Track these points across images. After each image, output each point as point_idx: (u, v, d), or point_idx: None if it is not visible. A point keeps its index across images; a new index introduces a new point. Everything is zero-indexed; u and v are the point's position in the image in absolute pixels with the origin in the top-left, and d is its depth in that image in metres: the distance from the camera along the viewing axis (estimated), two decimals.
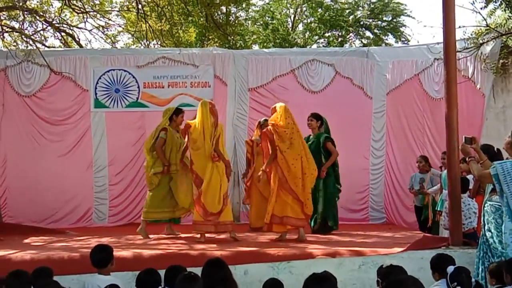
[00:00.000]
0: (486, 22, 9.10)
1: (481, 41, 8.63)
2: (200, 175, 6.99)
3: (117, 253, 5.15)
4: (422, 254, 5.86)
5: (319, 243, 6.78)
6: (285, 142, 6.99)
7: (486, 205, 5.27)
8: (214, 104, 7.31)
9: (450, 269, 4.28)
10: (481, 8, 8.98)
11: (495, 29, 8.91)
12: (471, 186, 6.83)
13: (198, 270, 4.01)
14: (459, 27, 8.12)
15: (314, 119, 7.91)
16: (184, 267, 4.33)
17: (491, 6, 9.34)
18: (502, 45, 8.79)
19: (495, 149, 6.06)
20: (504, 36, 8.74)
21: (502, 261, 4.68)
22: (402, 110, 9.53)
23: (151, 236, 7.47)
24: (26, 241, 7.33)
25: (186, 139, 7.29)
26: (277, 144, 6.99)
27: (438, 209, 7.57)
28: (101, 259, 4.73)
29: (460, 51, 8.09)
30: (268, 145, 7.11)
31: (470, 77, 8.89)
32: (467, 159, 5.39)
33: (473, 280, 4.22)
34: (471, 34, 8.96)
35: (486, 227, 5.22)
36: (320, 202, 7.68)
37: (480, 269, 5.17)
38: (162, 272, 4.31)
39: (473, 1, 8.79)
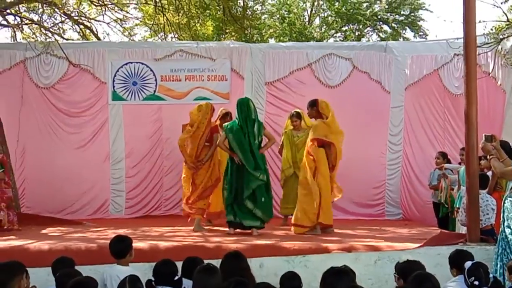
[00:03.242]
0: (507, 17, 8.95)
1: (501, 36, 8.50)
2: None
3: (133, 244, 5.17)
4: (438, 250, 5.82)
5: (335, 237, 6.76)
6: None
7: (506, 201, 5.22)
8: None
9: (468, 264, 4.26)
10: (501, 3, 8.83)
11: None
12: None
13: (214, 263, 4.03)
14: (479, 22, 8.00)
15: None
16: (201, 259, 4.35)
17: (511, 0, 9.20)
18: None
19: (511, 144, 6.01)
20: None
21: None
22: (421, 105, 9.45)
23: (168, 228, 7.54)
24: (43, 231, 7.41)
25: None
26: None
27: (456, 205, 7.50)
28: (120, 249, 4.76)
29: (480, 46, 7.97)
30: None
31: (490, 73, 8.79)
32: (488, 157, 5.34)
33: (491, 276, 4.18)
34: (491, 29, 8.81)
35: (505, 223, 5.18)
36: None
37: (498, 266, 5.14)
38: (178, 264, 4.34)
39: None
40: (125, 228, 7.51)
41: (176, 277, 4.09)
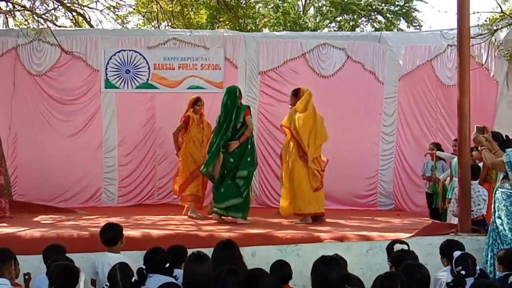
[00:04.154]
0: (501, 8, 8.98)
1: (495, 28, 8.51)
2: None
3: (125, 232, 5.18)
4: (430, 240, 5.86)
5: (327, 227, 6.79)
6: None
7: (497, 192, 5.26)
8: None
9: (457, 253, 4.30)
10: None
11: (510, 15, 8.78)
12: None
13: (206, 251, 4.04)
14: (473, 13, 7.98)
15: None
16: (185, 248, 4.37)
17: None
18: None
19: (504, 135, 6.03)
20: None
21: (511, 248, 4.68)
22: (414, 96, 9.45)
23: (161, 216, 7.57)
24: (35, 219, 7.39)
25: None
26: None
27: (448, 196, 7.54)
28: (111, 237, 4.77)
29: (473, 37, 7.98)
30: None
31: (483, 64, 8.80)
32: (479, 148, 5.36)
33: (477, 268, 4.23)
34: (485, 20, 8.83)
35: (496, 214, 5.21)
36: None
37: (489, 256, 5.18)
38: None
39: None
40: (118, 216, 7.50)
41: (167, 265, 4.10)
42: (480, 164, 6.80)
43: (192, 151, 7.82)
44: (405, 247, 4.71)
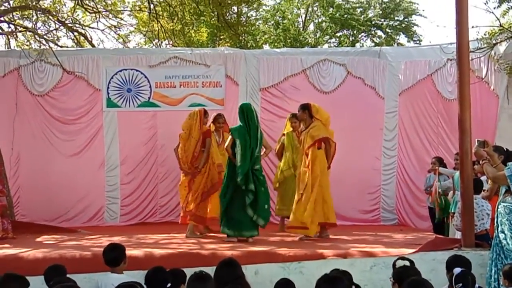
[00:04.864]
0: (500, 22, 9.02)
1: (494, 41, 8.55)
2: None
3: (128, 252, 5.17)
4: (434, 256, 5.83)
5: (330, 243, 6.76)
6: None
7: (499, 207, 5.24)
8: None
9: (457, 270, 4.30)
10: (494, 8, 8.89)
11: (509, 29, 8.83)
12: (485, 187, 6.76)
13: (209, 270, 4.03)
14: (472, 27, 8.04)
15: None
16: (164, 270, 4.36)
17: (504, 6, 9.26)
18: None
19: (505, 149, 6.02)
20: None
21: None
22: (415, 110, 9.48)
23: (163, 235, 7.54)
24: (38, 239, 7.38)
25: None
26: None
27: (451, 210, 7.51)
28: (114, 257, 4.76)
29: (473, 52, 8.02)
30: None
31: (483, 78, 8.83)
32: (481, 161, 5.36)
33: (476, 286, 4.22)
34: (484, 34, 8.87)
35: (499, 229, 5.20)
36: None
37: (493, 271, 5.15)
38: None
39: (486, 1, 8.70)
40: (120, 235, 7.49)
41: (168, 285, 4.09)
42: (483, 178, 6.77)
43: (212, 173, 7.67)
44: (407, 263, 4.69)
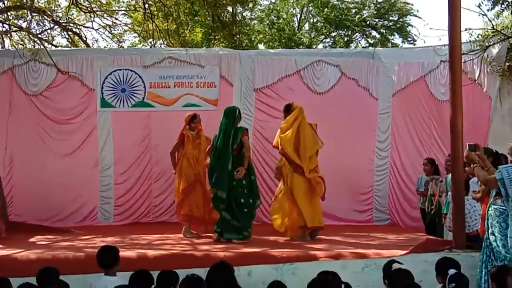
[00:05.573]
0: (493, 25, 9.08)
1: (487, 44, 8.60)
2: None
3: (121, 253, 5.18)
4: (425, 257, 5.88)
5: (323, 245, 6.80)
6: None
7: (490, 209, 5.29)
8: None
9: (451, 271, 4.33)
10: (487, 10, 8.95)
11: (502, 31, 8.89)
12: (474, 188, 6.81)
13: (202, 271, 4.05)
14: (465, 29, 8.11)
15: None
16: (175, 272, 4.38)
17: (497, 8, 9.32)
18: (509, 47, 8.77)
19: (494, 151, 6.07)
20: (510, 39, 8.71)
21: (503, 265, 4.70)
22: (408, 111, 9.51)
23: (157, 235, 7.56)
24: (31, 240, 7.38)
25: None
26: None
27: (444, 211, 7.56)
28: (108, 260, 4.77)
29: (466, 54, 8.07)
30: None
31: (476, 79, 8.88)
32: (472, 165, 5.40)
33: None
34: (477, 37, 8.93)
35: (489, 231, 5.24)
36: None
37: (483, 273, 5.19)
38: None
39: (479, 3, 8.77)
40: (114, 235, 7.51)
41: (153, 286, 4.10)
42: (474, 180, 6.81)
43: (185, 170, 7.84)
44: (402, 266, 4.73)
